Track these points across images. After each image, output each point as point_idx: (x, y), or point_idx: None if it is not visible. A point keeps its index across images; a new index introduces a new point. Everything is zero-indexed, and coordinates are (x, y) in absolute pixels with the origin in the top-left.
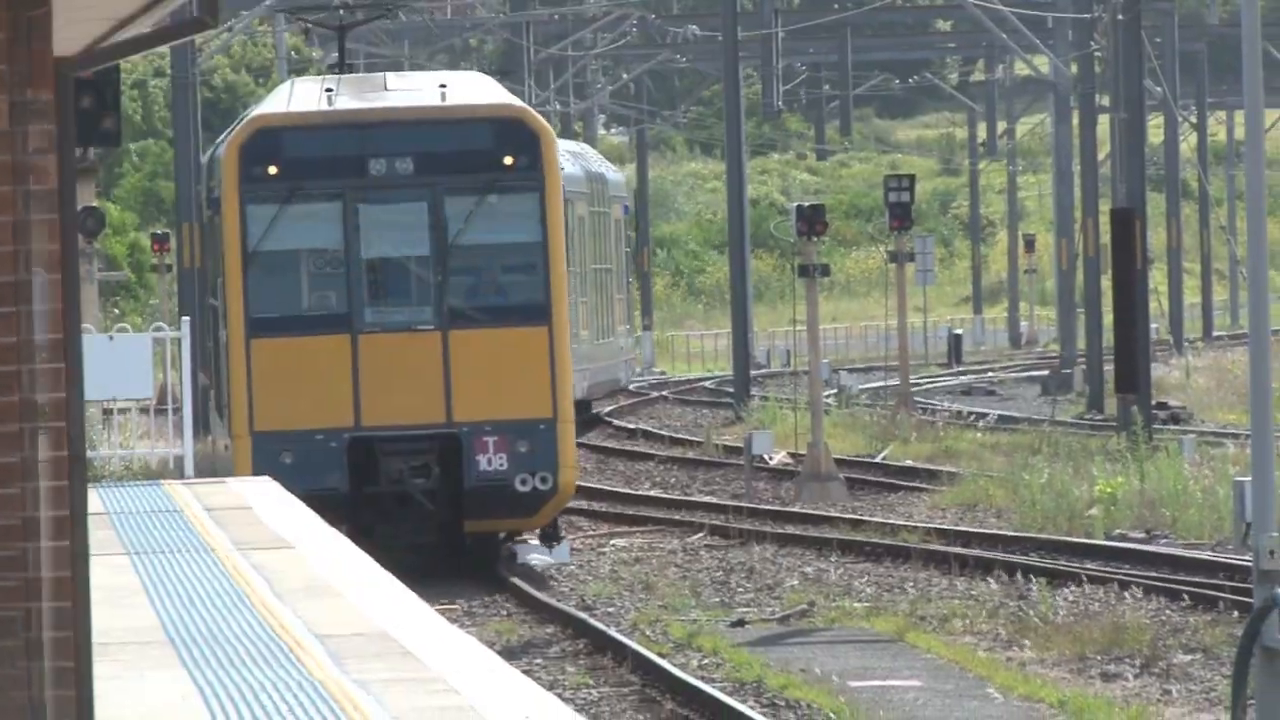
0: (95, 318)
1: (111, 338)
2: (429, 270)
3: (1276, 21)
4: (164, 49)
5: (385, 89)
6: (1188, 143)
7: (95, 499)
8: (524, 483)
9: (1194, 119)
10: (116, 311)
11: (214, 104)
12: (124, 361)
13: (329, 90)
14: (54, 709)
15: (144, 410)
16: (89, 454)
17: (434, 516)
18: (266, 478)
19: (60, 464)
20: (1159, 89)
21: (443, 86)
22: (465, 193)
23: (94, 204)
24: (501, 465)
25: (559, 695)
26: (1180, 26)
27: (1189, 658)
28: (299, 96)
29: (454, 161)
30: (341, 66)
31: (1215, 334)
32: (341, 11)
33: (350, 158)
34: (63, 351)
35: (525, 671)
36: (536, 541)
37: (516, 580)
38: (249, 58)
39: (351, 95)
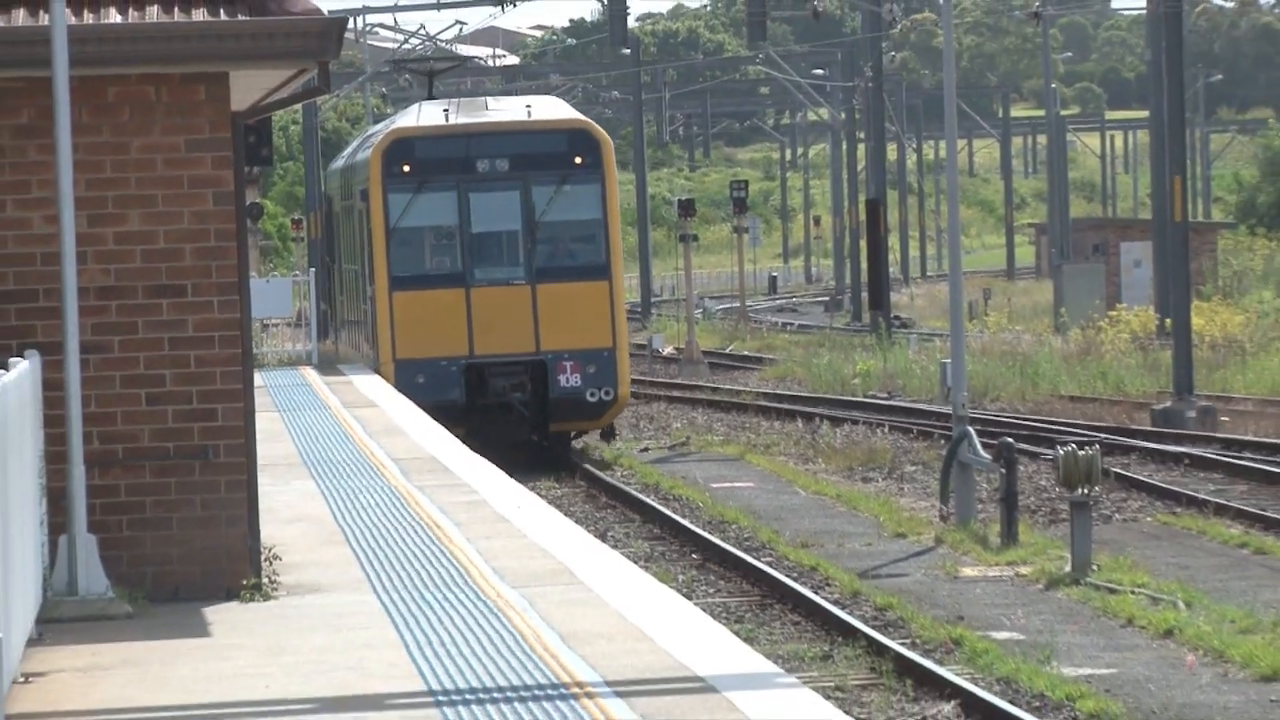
0: (257, 269)
1: (268, 280)
2: (520, 241)
3: (964, 86)
4: (297, 106)
5: (487, 109)
6: (911, 160)
7: (258, 378)
8: (593, 395)
9: (915, 146)
10: (270, 265)
11: (325, 140)
12: (275, 295)
13: (446, 110)
14: (234, 504)
15: (287, 324)
16: (254, 350)
17: (528, 421)
18: (360, 365)
19: (236, 357)
20: (894, 128)
21: (528, 106)
22: (546, 184)
23: (257, 200)
24: (577, 382)
25: (536, 493)
26: (906, 89)
27: (914, 468)
28: (425, 114)
29: (538, 161)
30: (430, 99)
31: (929, 274)
32: (431, 62)
33: (463, 158)
34: (237, 288)
35: (516, 478)
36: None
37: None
38: (347, 111)
39: (462, 113)
